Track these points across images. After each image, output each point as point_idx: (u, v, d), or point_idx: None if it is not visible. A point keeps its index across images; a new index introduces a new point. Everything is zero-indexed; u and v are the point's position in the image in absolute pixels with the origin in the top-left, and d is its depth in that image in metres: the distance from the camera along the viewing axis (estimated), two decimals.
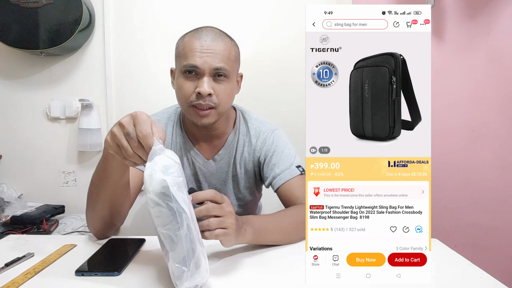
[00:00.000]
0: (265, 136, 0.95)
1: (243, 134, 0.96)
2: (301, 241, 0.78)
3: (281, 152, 0.92)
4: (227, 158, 0.95)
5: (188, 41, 0.82)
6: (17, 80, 1.69)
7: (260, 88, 1.69)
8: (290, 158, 0.92)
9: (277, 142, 0.94)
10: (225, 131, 0.95)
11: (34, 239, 0.81)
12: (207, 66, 0.80)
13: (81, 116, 1.65)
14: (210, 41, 0.81)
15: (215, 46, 0.81)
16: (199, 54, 0.80)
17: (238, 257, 0.70)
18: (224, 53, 0.82)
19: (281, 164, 0.91)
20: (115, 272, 0.63)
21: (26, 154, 1.72)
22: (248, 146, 0.95)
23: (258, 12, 1.68)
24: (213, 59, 0.80)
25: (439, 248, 0.77)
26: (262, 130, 0.96)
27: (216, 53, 0.81)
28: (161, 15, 1.66)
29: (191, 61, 0.80)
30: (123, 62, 1.69)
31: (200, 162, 0.95)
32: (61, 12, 1.50)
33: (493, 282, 0.61)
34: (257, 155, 0.95)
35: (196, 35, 0.82)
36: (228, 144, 0.95)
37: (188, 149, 0.95)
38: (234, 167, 0.96)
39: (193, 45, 0.81)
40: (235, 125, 0.96)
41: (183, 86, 0.82)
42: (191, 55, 0.80)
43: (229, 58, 0.83)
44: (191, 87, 0.81)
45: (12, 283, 0.59)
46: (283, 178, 0.89)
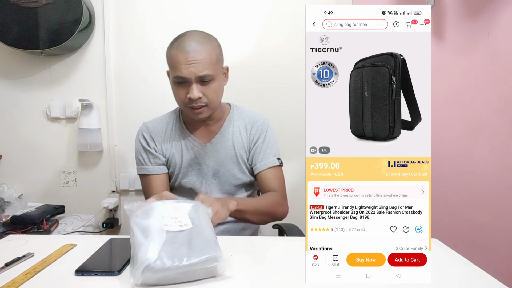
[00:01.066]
0: (259, 124, 1.08)
1: (238, 121, 1.09)
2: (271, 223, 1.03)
3: (268, 142, 1.07)
4: (223, 141, 1.07)
5: (174, 54, 0.95)
6: (17, 80, 1.69)
7: (258, 89, 1.69)
8: (274, 149, 1.08)
9: (267, 131, 1.08)
10: (221, 118, 1.08)
11: (34, 239, 0.81)
12: (193, 76, 0.93)
13: (81, 116, 1.65)
14: (193, 52, 0.93)
15: (197, 55, 0.93)
16: (184, 66, 0.92)
17: (237, 257, 0.70)
18: (206, 60, 0.94)
19: (266, 153, 1.06)
20: (115, 272, 0.63)
21: (26, 154, 1.72)
22: (243, 130, 1.08)
23: (256, 11, 1.67)
24: (197, 68, 0.92)
25: (439, 248, 0.77)
26: (256, 118, 1.10)
27: (199, 62, 0.92)
28: (161, 15, 1.66)
29: (179, 73, 0.93)
30: (123, 62, 1.68)
31: (198, 147, 1.06)
32: (61, 12, 1.50)
33: (493, 282, 0.61)
34: (250, 138, 1.08)
35: (179, 47, 0.94)
36: (224, 129, 1.07)
37: (186, 136, 1.07)
38: (230, 150, 1.07)
39: (178, 58, 0.93)
40: (229, 114, 1.09)
41: (177, 93, 0.98)
42: (178, 67, 0.93)
43: (211, 63, 0.95)
44: (183, 94, 0.96)
45: (12, 283, 0.59)
46: (266, 165, 1.05)
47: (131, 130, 1.66)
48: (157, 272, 0.57)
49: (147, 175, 1.05)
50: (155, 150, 1.06)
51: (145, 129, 1.08)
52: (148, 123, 1.09)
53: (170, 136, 1.07)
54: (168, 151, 1.06)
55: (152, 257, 0.58)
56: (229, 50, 1.11)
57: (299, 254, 0.73)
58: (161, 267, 0.57)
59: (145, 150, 1.06)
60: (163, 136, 1.07)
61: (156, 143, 1.06)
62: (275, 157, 1.07)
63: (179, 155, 1.06)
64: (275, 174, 1.06)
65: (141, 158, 1.07)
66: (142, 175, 1.07)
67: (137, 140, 1.08)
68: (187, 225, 0.67)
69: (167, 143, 1.06)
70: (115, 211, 1.73)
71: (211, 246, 0.63)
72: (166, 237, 0.63)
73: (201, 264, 0.60)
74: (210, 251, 0.62)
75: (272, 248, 0.76)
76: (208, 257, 0.60)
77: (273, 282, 0.62)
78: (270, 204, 1.01)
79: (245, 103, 1.17)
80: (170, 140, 1.07)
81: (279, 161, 1.07)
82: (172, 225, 0.66)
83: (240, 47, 1.67)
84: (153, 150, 1.06)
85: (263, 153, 1.06)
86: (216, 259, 0.61)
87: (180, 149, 1.06)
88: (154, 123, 1.09)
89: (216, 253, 0.62)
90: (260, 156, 1.06)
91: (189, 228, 0.67)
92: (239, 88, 1.56)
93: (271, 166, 1.05)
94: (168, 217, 0.67)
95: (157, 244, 0.61)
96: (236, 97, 1.23)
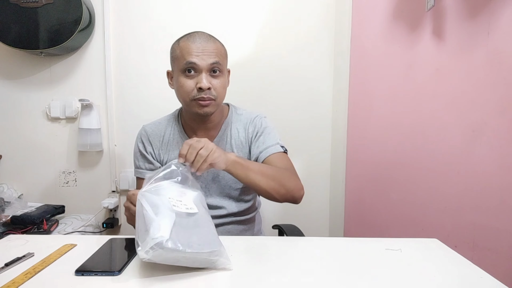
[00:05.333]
0: (256, 121, 1.07)
1: (236, 123, 1.08)
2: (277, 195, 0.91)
3: (268, 133, 1.05)
4: (222, 145, 1.06)
5: (184, 44, 0.95)
6: (17, 80, 1.69)
7: (258, 90, 1.69)
8: (276, 138, 1.05)
9: (265, 124, 1.07)
10: (219, 122, 1.07)
11: (34, 239, 0.81)
12: (204, 63, 0.93)
13: (81, 116, 1.65)
14: (204, 42, 0.95)
15: (208, 46, 0.95)
16: (195, 53, 0.93)
17: (237, 257, 0.70)
18: (216, 51, 0.96)
19: (267, 142, 1.03)
20: (115, 272, 0.63)
21: (26, 154, 1.72)
22: (242, 131, 1.07)
23: (257, 13, 1.68)
24: (208, 56, 0.94)
25: (439, 248, 0.77)
26: (253, 116, 1.09)
27: (210, 51, 0.94)
28: (161, 15, 1.66)
29: (190, 59, 0.93)
30: (123, 62, 1.68)
31: None
32: (61, 12, 1.50)
33: (493, 282, 0.61)
34: (249, 137, 1.06)
35: (190, 38, 0.96)
36: (222, 133, 1.06)
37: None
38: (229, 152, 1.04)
39: (189, 47, 0.94)
40: (227, 117, 1.08)
41: (184, 84, 0.95)
42: (188, 55, 0.93)
43: (221, 55, 0.97)
44: (192, 84, 0.94)
45: (12, 283, 0.59)
46: (269, 152, 1.01)
47: (131, 130, 1.67)
48: (167, 251, 0.58)
49: (141, 178, 1.07)
50: (151, 155, 1.07)
51: (143, 133, 1.08)
52: (147, 126, 1.10)
53: (169, 141, 1.07)
54: (166, 155, 1.06)
55: (165, 235, 0.59)
56: (229, 50, 1.11)
57: (299, 254, 0.73)
58: (173, 248, 0.58)
59: (141, 154, 1.07)
60: (161, 141, 1.07)
61: (153, 147, 1.07)
62: (278, 144, 1.03)
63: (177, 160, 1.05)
64: (281, 159, 1.00)
65: (137, 162, 1.08)
66: (137, 178, 1.10)
67: (136, 143, 1.10)
68: (193, 209, 0.69)
69: (165, 147, 1.07)
70: (115, 211, 1.73)
71: (216, 240, 0.66)
72: (175, 218, 0.64)
73: (206, 255, 0.62)
74: (216, 245, 0.64)
75: (272, 248, 0.76)
76: (214, 251, 0.62)
77: (273, 282, 0.62)
78: (280, 171, 0.93)
79: (242, 104, 1.17)
80: (169, 144, 1.06)
81: (283, 148, 1.03)
82: (180, 207, 0.67)
83: (239, 48, 1.67)
84: (149, 155, 1.07)
85: (264, 143, 1.03)
86: (220, 254, 0.63)
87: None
88: (153, 126, 1.09)
89: (220, 248, 0.64)
90: (262, 146, 1.02)
91: (195, 212, 0.69)
92: (242, 89, 1.56)
93: (275, 152, 1.00)
94: (175, 199, 0.69)
95: (168, 223, 0.62)
96: (235, 98, 1.23)
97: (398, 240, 0.80)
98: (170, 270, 0.63)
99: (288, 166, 1.00)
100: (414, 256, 0.72)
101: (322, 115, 1.73)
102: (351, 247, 0.78)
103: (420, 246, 0.77)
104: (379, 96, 1.44)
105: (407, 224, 1.30)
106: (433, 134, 1.17)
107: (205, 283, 0.60)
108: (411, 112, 1.27)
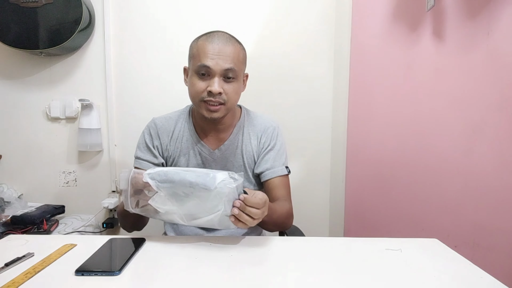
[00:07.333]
0: (269, 131, 1.06)
1: (248, 128, 1.07)
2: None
3: (278, 150, 1.06)
4: (232, 149, 1.05)
5: (201, 44, 0.93)
6: (17, 80, 1.69)
7: (259, 90, 1.69)
8: (283, 157, 1.06)
9: (277, 139, 1.07)
10: (231, 125, 1.05)
11: (34, 239, 0.81)
12: (218, 68, 0.90)
13: (81, 116, 1.65)
14: (222, 44, 0.91)
15: (225, 49, 0.91)
16: (211, 56, 0.90)
17: (238, 257, 0.70)
18: (233, 55, 0.92)
19: (275, 160, 1.04)
20: (115, 272, 0.63)
21: (26, 154, 1.72)
22: (254, 139, 1.06)
23: (257, 13, 1.68)
24: (224, 61, 0.91)
25: (439, 248, 0.77)
26: (267, 125, 1.07)
27: (227, 55, 0.91)
28: (161, 15, 1.66)
29: (204, 62, 0.90)
30: (123, 62, 1.68)
31: (206, 153, 1.04)
32: (61, 12, 1.50)
33: (493, 282, 0.61)
34: (261, 147, 1.06)
35: (209, 39, 0.93)
36: (233, 136, 1.05)
37: (196, 141, 1.05)
38: (238, 158, 1.05)
39: (206, 48, 0.91)
40: (240, 120, 1.07)
41: (196, 84, 0.93)
42: (204, 56, 0.91)
43: (238, 60, 0.94)
44: (203, 86, 0.92)
45: (12, 283, 0.59)
46: (275, 173, 1.02)
47: (131, 130, 1.67)
48: (233, 189, 0.69)
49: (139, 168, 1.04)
50: (157, 149, 1.05)
51: (153, 126, 1.06)
52: (158, 119, 1.07)
53: (178, 137, 1.05)
54: (174, 151, 1.05)
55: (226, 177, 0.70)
56: None
57: (299, 254, 0.73)
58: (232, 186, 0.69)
59: (147, 146, 1.05)
60: (170, 136, 1.05)
61: (161, 141, 1.05)
62: (284, 165, 1.05)
63: (185, 159, 1.05)
64: (284, 183, 1.03)
65: (139, 152, 1.06)
66: (134, 168, 1.07)
67: (143, 133, 1.07)
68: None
69: (174, 143, 1.05)
70: (115, 211, 1.73)
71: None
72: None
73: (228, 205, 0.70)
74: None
75: (272, 248, 0.76)
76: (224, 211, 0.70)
77: (273, 282, 0.62)
78: (285, 215, 0.96)
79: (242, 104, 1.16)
80: (178, 141, 1.05)
81: (287, 169, 1.05)
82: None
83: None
84: (155, 150, 1.04)
85: (272, 161, 1.04)
86: (227, 213, 0.70)
87: (187, 153, 1.05)
88: (163, 120, 1.07)
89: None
90: (270, 164, 1.03)
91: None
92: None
93: (280, 175, 1.03)
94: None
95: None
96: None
97: (398, 240, 0.80)
98: (170, 270, 0.63)
99: (288, 192, 1.04)
100: (414, 256, 0.72)
101: (322, 115, 1.73)
102: (351, 247, 0.78)
103: (420, 246, 0.78)
104: (379, 96, 1.44)
105: (407, 224, 1.30)
106: (432, 134, 1.17)
107: (205, 283, 0.60)
108: (411, 112, 1.27)
